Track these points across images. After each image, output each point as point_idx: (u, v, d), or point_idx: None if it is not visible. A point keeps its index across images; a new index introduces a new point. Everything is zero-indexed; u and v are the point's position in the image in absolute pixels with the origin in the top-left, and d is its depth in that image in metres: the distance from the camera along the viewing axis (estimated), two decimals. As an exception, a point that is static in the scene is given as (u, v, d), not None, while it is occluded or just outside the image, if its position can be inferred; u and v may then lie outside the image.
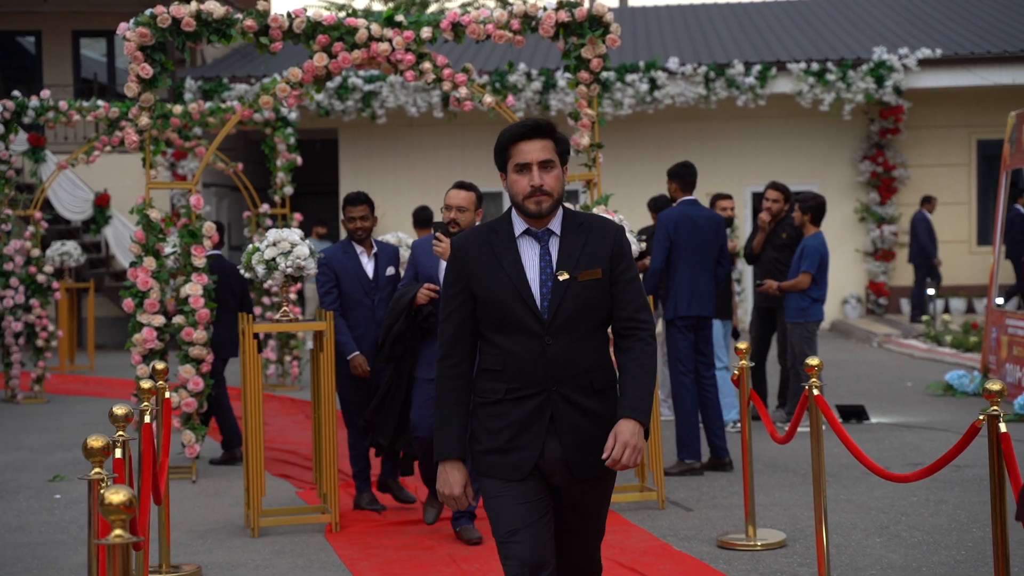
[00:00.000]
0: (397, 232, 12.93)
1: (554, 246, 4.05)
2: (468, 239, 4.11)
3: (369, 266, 7.98)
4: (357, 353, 7.79)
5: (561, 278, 3.98)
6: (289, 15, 8.93)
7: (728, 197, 11.34)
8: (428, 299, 7.02)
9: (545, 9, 8.92)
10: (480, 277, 4.03)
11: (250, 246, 7.83)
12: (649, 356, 4.03)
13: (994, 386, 4.40)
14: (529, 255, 4.04)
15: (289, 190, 14.82)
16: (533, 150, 4.02)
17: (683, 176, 9.35)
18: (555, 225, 4.08)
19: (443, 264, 6.78)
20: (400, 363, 7.23)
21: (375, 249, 8.03)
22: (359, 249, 8.01)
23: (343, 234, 21.49)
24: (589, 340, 4.03)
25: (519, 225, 4.08)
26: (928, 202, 19.59)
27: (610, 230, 4.10)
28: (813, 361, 5.98)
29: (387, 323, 7.17)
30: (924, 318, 18.24)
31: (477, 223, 6.70)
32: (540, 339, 3.96)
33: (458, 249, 4.10)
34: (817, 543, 5.88)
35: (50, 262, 16.55)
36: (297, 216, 14.46)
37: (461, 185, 7.15)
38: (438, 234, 6.96)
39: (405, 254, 12.34)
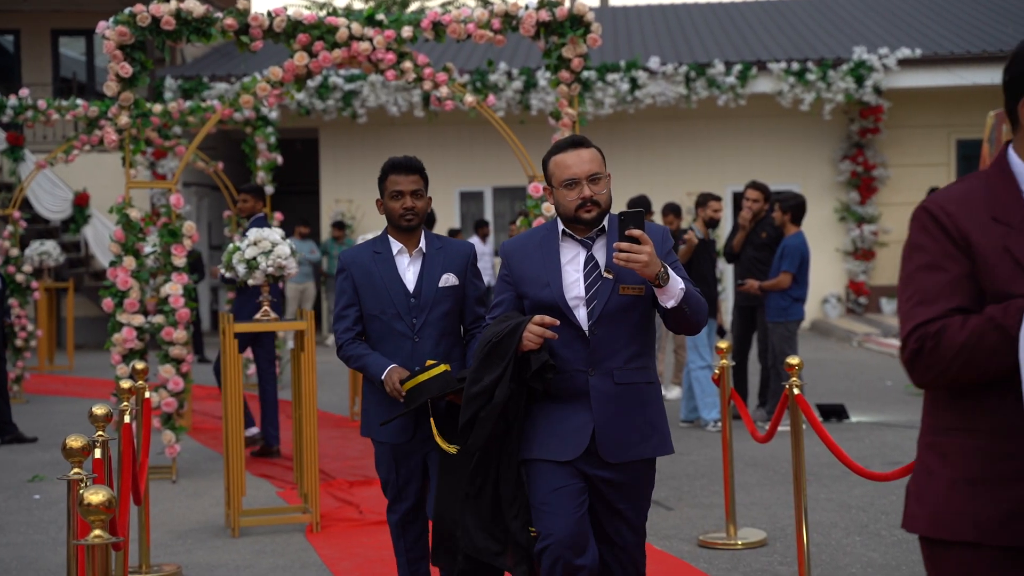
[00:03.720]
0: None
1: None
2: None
3: (410, 271, 5.24)
4: (392, 367, 5.06)
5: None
6: (269, 14, 8.91)
7: (718, 199, 11.28)
8: (541, 342, 4.18)
9: (526, 8, 8.93)
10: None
11: (231, 245, 7.80)
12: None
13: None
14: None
15: (270, 189, 14.79)
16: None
17: (257, 194, 10.59)
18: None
19: (570, 276, 4.27)
20: (500, 441, 4.35)
21: (423, 246, 5.28)
22: (397, 247, 5.29)
23: (325, 234, 21.43)
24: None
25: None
26: None
27: None
28: (793, 360, 5.99)
29: (474, 386, 4.27)
30: None
31: None
32: None
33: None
34: (797, 542, 5.89)
35: (29, 262, 16.49)
36: (278, 215, 14.43)
37: (583, 142, 4.34)
38: (636, 231, 4.02)
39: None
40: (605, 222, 4.29)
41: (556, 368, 4.20)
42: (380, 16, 9.06)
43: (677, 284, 4.10)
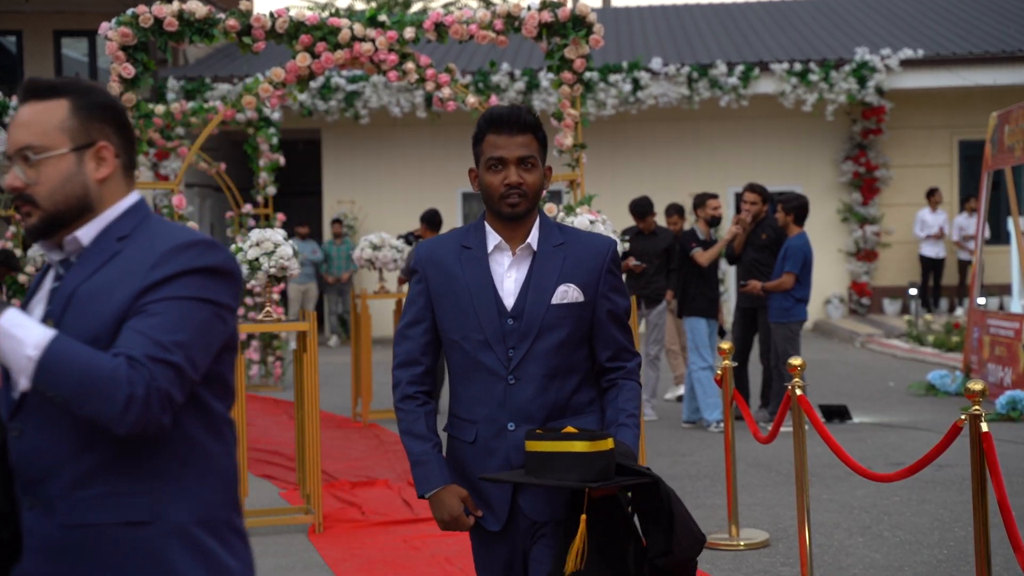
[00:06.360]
0: (381, 233, 12.92)
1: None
2: None
3: (510, 278, 3.45)
4: (447, 488, 3.41)
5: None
6: (272, 15, 8.91)
7: (715, 196, 11.38)
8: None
9: (528, 9, 8.92)
10: None
11: (233, 246, 7.81)
12: None
13: (976, 386, 4.42)
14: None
15: (272, 190, 14.79)
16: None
17: None
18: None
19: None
20: None
21: (534, 240, 3.47)
22: (494, 240, 3.46)
23: (328, 236, 21.41)
24: None
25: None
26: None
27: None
28: (796, 361, 5.99)
29: None
30: (906, 318, 18.28)
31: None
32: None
33: None
34: (800, 543, 5.89)
35: (32, 263, 16.50)
36: (280, 216, 14.44)
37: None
38: None
39: (388, 256, 12.28)
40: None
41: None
42: (382, 17, 9.05)
43: (21, 349, 2.20)
